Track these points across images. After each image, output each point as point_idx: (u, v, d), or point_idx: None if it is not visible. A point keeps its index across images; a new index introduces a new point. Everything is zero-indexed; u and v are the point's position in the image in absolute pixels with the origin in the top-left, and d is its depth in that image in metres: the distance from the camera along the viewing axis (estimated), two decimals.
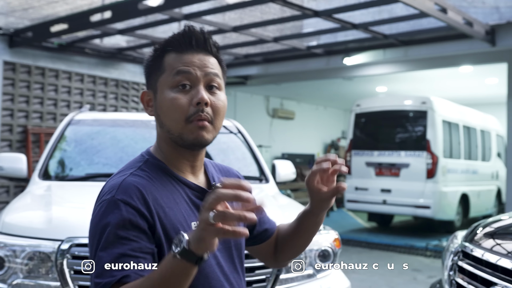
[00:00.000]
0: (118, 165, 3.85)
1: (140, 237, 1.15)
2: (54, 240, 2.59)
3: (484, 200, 11.13)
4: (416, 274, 6.78)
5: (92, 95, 9.01)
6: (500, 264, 1.97)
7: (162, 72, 1.26)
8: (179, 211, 1.23)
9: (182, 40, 1.25)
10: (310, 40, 9.01)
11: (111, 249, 1.12)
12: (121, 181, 1.20)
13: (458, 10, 6.42)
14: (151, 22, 7.22)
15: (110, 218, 1.15)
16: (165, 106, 1.23)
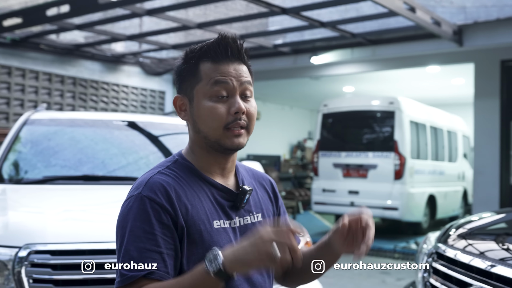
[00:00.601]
0: (77, 167, 3.77)
1: (164, 233, 1.24)
2: (10, 247, 2.49)
3: (451, 201, 11.37)
4: (385, 276, 6.88)
5: (47, 94, 8.80)
6: (473, 264, 2.01)
7: (199, 81, 1.34)
8: (202, 209, 1.31)
9: (218, 49, 1.33)
10: (276, 38, 9.04)
11: (137, 243, 1.23)
12: (148, 178, 1.31)
13: (426, 9, 6.56)
14: (111, 17, 7.11)
15: (136, 213, 1.25)
16: (204, 114, 1.33)
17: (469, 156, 12.68)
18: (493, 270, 1.91)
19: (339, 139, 10.25)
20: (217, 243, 1.29)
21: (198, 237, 1.29)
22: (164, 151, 4.10)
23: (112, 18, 7.07)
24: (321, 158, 10.21)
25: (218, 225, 1.33)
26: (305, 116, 18.74)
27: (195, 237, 1.28)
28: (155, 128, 4.36)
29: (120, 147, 4.06)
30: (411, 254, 8.22)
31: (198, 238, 1.28)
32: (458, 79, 11.96)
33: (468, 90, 12.56)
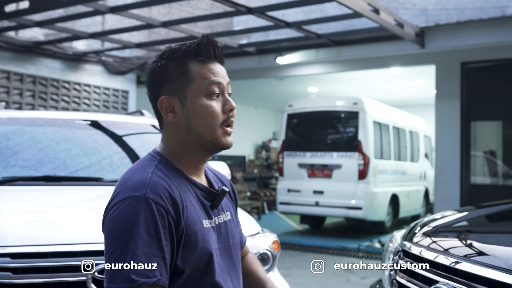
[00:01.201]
0: (38, 167, 3.68)
1: (167, 238, 1.25)
2: None
3: (413, 200, 11.60)
4: (349, 275, 6.95)
5: (5, 92, 8.55)
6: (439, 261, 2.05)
7: (192, 81, 1.36)
8: (193, 209, 1.33)
9: (207, 50, 1.37)
10: (241, 38, 9.04)
11: (145, 248, 1.21)
12: (148, 179, 1.28)
13: (389, 11, 6.66)
14: (72, 14, 6.97)
15: (143, 216, 1.23)
16: (202, 113, 1.35)
17: (430, 156, 12.97)
18: (457, 266, 1.95)
19: (304, 139, 10.33)
20: (208, 242, 1.33)
21: (194, 238, 1.30)
22: (128, 151, 4.04)
23: (74, 15, 6.93)
24: (286, 158, 10.26)
25: (206, 225, 1.36)
26: (270, 116, 18.81)
27: (191, 238, 1.29)
28: (119, 128, 4.29)
29: (82, 147, 3.98)
30: (375, 253, 8.35)
31: (194, 239, 1.30)
32: (420, 80, 12.21)
33: (429, 92, 12.87)
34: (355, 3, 5.76)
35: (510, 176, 8.36)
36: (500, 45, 7.60)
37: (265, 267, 2.96)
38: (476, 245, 2.20)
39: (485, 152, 8.65)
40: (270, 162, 17.68)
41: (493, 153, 8.63)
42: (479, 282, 1.82)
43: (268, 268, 2.98)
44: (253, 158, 17.90)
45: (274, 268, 3.06)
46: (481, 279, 1.81)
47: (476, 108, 8.44)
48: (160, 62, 1.37)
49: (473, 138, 8.52)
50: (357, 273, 7.09)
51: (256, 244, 2.94)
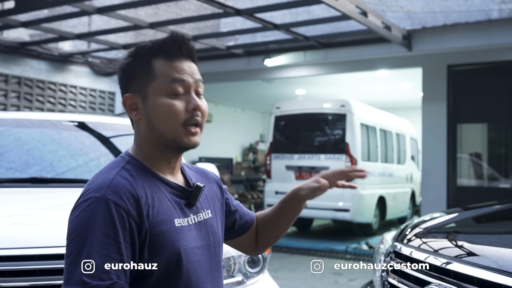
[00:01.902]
0: (24, 169, 3.63)
1: (126, 240, 1.21)
2: None
3: (400, 202, 11.66)
4: (337, 277, 6.96)
5: None
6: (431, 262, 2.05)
7: (154, 78, 1.32)
8: (162, 209, 1.29)
9: (172, 47, 1.33)
10: (228, 40, 9.02)
11: (101, 250, 1.18)
12: (110, 180, 1.26)
13: (377, 14, 6.69)
14: (59, 14, 6.90)
15: (100, 217, 1.20)
16: (162, 112, 1.31)
17: (416, 158, 13.06)
18: (449, 267, 1.95)
19: (291, 142, 10.33)
20: (179, 242, 1.29)
21: (161, 238, 1.26)
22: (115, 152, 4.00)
23: (60, 15, 6.86)
24: (274, 160, 10.26)
25: (179, 223, 1.32)
26: (257, 118, 18.81)
27: (158, 238, 1.26)
28: (106, 129, 4.25)
29: (69, 149, 3.94)
30: (362, 254, 8.37)
31: (161, 239, 1.26)
32: (406, 83, 12.28)
33: (416, 94, 12.96)
34: (343, 6, 5.78)
35: (495, 178, 8.43)
36: (486, 48, 7.67)
37: (255, 269, 2.95)
38: (466, 246, 2.22)
39: (471, 154, 8.72)
40: (257, 165, 17.67)
41: (478, 156, 8.71)
42: (472, 282, 1.83)
43: (259, 270, 2.97)
44: (240, 160, 17.88)
45: (264, 270, 3.05)
46: (474, 279, 1.82)
47: (462, 110, 8.50)
48: (127, 60, 1.36)
49: (459, 141, 8.58)
50: (345, 275, 7.11)
51: None
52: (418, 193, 12.64)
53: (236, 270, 2.86)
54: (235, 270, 2.86)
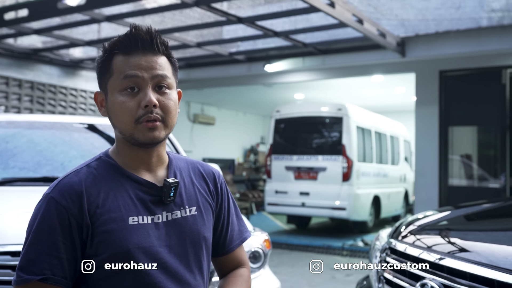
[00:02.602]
0: (36, 169, 3.63)
1: (66, 237, 1.18)
2: None
3: (394, 201, 11.64)
4: (334, 273, 6.94)
5: (5, 97, 8.46)
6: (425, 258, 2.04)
7: (111, 75, 1.26)
8: (116, 207, 1.23)
9: (128, 42, 1.24)
10: (231, 47, 9.02)
11: (37, 245, 1.17)
12: (61, 179, 1.24)
13: (373, 21, 6.69)
14: (70, 22, 6.90)
15: (42, 214, 1.19)
16: (115, 109, 1.25)
17: (409, 159, 13.04)
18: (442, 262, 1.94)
19: (290, 143, 10.32)
20: (130, 240, 1.21)
21: (107, 236, 1.20)
22: None
23: (71, 23, 6.87)
24: (274, 161, 10.25)
25: (134, 221, 1.23)
26: (258, 121, 18.80)
27: (105, 236, 1.20)
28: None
29: (79, 150, 3.94)
30: (358, 251, 8.35)
31: (107, 237, 1.20)
32: (400, 88, 12.27)
33: (409, 98, 12.95)
34: (340, 14, 5.78)
35: (485, 179, 8.42)
36: (476, 54, 7.66)
37: (257, 264, 2.94)
38: (458, 242, 2.21)
39: (462, 155, 8.71)
40: (258, 165, 17.65)
41: (469, 157, 8.69)
42: (464, 277, 1.82)
43: (260, 265, 2.96)
44: (242, 161, 17.86)
45: (265, 265, 3.04)
46: (466, 274, 1.81)
47: (453, 114, 8.49)
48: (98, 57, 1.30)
49: (450, 143, 8.57)
50: (342, 271, 7.09)
51: (248, 243, 2.91)
52: (411, 192, 12.61)
53: None
54: None
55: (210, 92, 12.71)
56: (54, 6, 5.70)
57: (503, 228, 2.52)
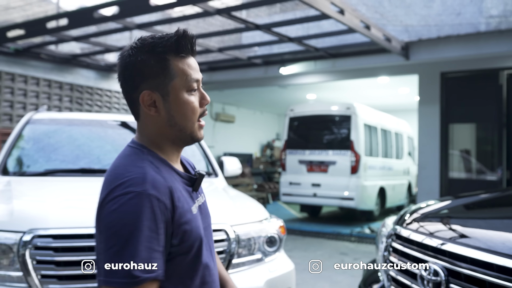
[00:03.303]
0: (75, 161, 3.67)
1: (164, 232, 1.11)
2: (15, 232, 2.39)
3: (398, 192, 11.53)
4: (343, 257, 6.91)
5: (47, 98, 8.57)
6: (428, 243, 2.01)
7: (174, 77, 1.19)
8: (184, 198, 1.20)
9: (185, 46, 1.20)
10: (249, 52, 9.01)
11: (146, 243, 1.06)
12: (145, 174, 1.13)
13: (379, 27, 6.61)
14: (104, 30, 6.95)
15: (144, 212, 1.08)
16: (185, 108, 1.21)
17: (412, 154, 12.89)
18: (444, 247, 1.91)
19: (303, 139, 10.28)
20: (199, 228, 1.21)
21: (188, 226, 1.17)
22: None
23: (106, 31, 6.91)
24: (288, 155, 10.23)
25: (194, 211, 1.22)
26: (273, 119, 18.76)
27: (186, 227, 1.17)
28: None
29: (113, 144, 3.98)
30: (365, 237, 8.29)
31: (187, 227, 1.17)
32: (404, 88, 12.14)
33: (412, 98, 12.79)
34: (349, 20, 5.72)
35: (482, 172, 8.28)
36: (475, 57, 7.53)
37: (272, 248, 2.93)
38: (459, 229, 2.16)
39: (461, 150, 8.58)
40: (273, 159, 17.62)
41: (468, 152, 8.56)
42: (465, 261, 1.78)
43: (276, 249, 2.95)
44: (259, 155, 17.85)
45: (280, 249, 3.03)
46: (467, 258, 1.77)
47: (453, 112, 8.37)
48: (139, 56, 1.18)
49: (450, 139, 8.45)
50: (350, 255, 7.05)
51: (265, 229, 2.91)
52: (414, 184, 12.48)
53: (256, 249, 2.84)
54: (255, 249, 2.84)
55: (230, 93, 12.71)
56: (91, 16, 5.74)
57: (500, 216, 2.47)
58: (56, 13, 6.34)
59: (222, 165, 4.10)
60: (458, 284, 1.79)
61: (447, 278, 1.82)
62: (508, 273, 1.62)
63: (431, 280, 1.86)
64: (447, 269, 1.84)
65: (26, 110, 8.08)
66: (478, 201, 2.88)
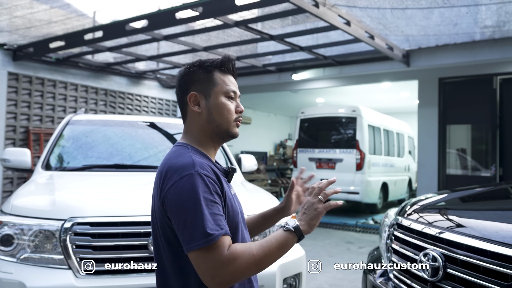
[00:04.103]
0: (109, 158, 3.71)
1: (219, 201, 1.24)
2: (57, 219, 2.44)
3: (399, 187, 11.43)
4: (349, 245, 6.87)
5: (84, 102, 8.69)
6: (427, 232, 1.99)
7: (216, 85, 1.39)
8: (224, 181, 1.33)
9: (228, 65, 1.41)
10: (264, 60, 9.00)
11: (208, 210, 1.19)
12: (192, 160, 1.27)
13: (382, 37, 6.55)
14: (135, 41, 7.01)
15: (200, 186, 1.21)
16: (221, 108, 1.38)
17: (412, 152, 12.75)
18: (442, 235, 1.89)
19: (313, 139, 10.25)
20: (235, 207, 1.35)
21: (229, 202, 1.30)
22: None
23: (136, 42, 6.97)
24: (299, 153, 10.21)
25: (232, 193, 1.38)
26: (286, 121, 18.72)
27: (228, 202, 1.30)
28: (171, 128, 4.31)
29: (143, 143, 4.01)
30: (369, 228, 8.23)
31: (229, 203, 1.30)
32: (405, 92, 12.01)
33: (412, 102, 12.64)
34: (355, 31, 5.67)
35: (477, 169, 8.14)
36: (470, 64, 7.42)
37: None
38: (455, 219, 2.14)
39: (458, 149, 8.45)
40: (286, 157, 17.59)
41: (464, 151, 8.43)
42: (461, 248, 1.76)
43: None
44: (273, 153, 17.84)
45: None
46: (463, 246, 1.75)
47: (451, 114, 8.26)
48: (191, 69, 1.40)
49: (448, 138, 8.34)
50: (355, 243, 7.01)
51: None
52: (414, 180, 12.35)
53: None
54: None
55: (247, 97, 12.72)
56: (123, 28, 5.80)
57: (493, 208, 2.44)
58: (92, 26, 6.41)
59: (240, 162, 4.12)
60: (455, 269, 1.77)
61: (444, 264, 1.80)
62: (500, 259, 1.60)
63: (430, 265, 1.84)
64: (444, 256, 1.82)
65: (66, 113, 8.20)
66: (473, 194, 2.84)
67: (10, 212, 2.52)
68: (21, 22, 6.43)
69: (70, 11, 6.36)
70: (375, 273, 2.34)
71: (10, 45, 7.24)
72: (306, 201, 1.33)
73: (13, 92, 7.57)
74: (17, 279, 2.29)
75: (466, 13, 6.06)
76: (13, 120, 7.59)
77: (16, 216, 2.48)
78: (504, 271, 1.57)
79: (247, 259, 1.18)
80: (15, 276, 2.30)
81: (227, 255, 1.16)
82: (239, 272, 1.17)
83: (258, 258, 1.19)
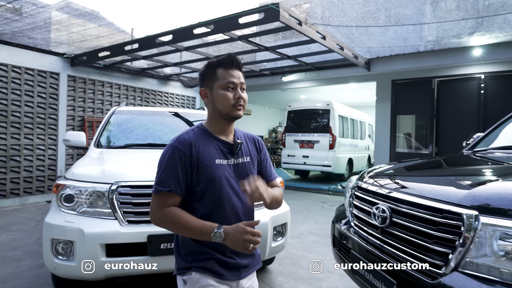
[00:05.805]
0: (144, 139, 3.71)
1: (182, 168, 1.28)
2: (106, 183, 2.46)
3: (361, 162, 11.46)
4: (323, 204, 6.94)
5: (125, 97, 8.62)
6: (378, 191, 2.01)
7: (217, 79, 1.37)
8: (208, 153, 1.35)
9: (229, 61, 1.38)
10: (261, 66, 8.91)
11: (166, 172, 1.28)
12: (179, 135, 1.37)
13: (349, 48, 6.48)
14: (163, 51, 6.93)
15: (169, 155, 1.30)
16: (220, 98, 1.37)
17: (372, 136, 12.75)
18: (390, 194, 1.91)
19: (297, 126, 10.24)
20: (215, 172, 1.32)
21: (205, 169, 1.32)
22: None
23: (164, 52, 6.89)
24: (287, 137, 10.20)
25: (218, 162, 1.34)
26: (277, 113, 18.64)
27: (204, 169, 1.31)
28: (190, 116, 4.31)
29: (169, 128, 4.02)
30: (338, 192, 8.29)
31: (205, 169, 1.32)
32: (366, 91, 11.94)
33: (372, 98, 12.57)
34: (329, 44, 5.62)
35: (419, 148, 8.16)
36: (415, 69, 7.37)
37: None
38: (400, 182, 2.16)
39: (405, 133, 8.46)
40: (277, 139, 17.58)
41: (409, 134, 8.44)
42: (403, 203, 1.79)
43: None
44: (267, 137, 17.83)
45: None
46: (405, 201, 1.78)
47: (400, 107, 8.23)
48: (203, 69, 1.41)
49: (398, 125, 8.33)
50: (328, 203, 7.07)
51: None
52: (372, 156, 12.38)
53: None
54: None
55: (248, 94, 12.58)
56: (154, 41, 5.73)
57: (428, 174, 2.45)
58: (130, 40, 6.33)
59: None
60: (398, 218, 1.80)
61: (391, 214, 1.83)
62: (431, 210, 1.63)
63: (380, 216, 1.87)
64: (391, 209, 1.85)
65: (112, 106, 8.15)
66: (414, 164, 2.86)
67: (71, 178, 2.54)
68: (76, 36, 6.35)
69: (113, 28, 6.27)
70: (340, 222, 2.38)
71: (69, 54, 7.15)
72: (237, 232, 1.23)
73: (71, 90, 7.51)
74: (77, 226, 2.33)
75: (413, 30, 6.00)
76: (72, 111, 7.55)
77: (75, 181, 2.50)
78: (433, 219, 1.60)
79: (169, 222, 1.23)
80: (76, 225, 2.34)
81: (163, 209, 1.24)
82: (161, 225, 1.25)
83: (176, 226, 1.23)
